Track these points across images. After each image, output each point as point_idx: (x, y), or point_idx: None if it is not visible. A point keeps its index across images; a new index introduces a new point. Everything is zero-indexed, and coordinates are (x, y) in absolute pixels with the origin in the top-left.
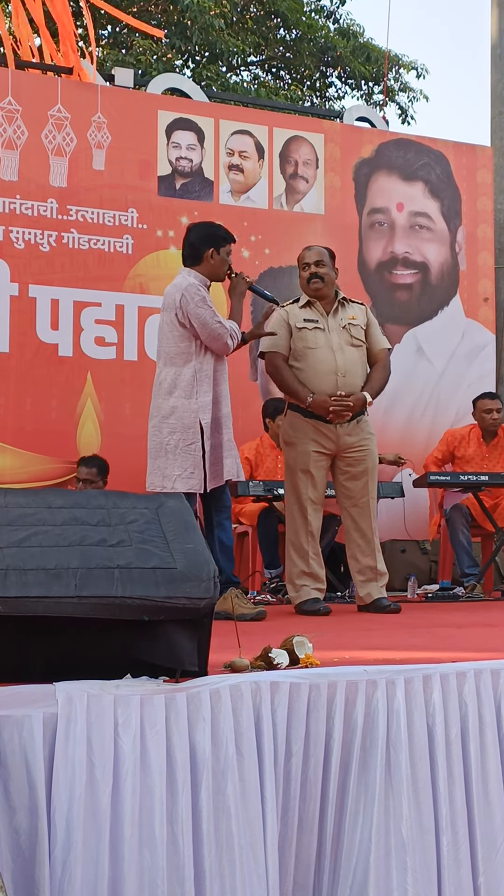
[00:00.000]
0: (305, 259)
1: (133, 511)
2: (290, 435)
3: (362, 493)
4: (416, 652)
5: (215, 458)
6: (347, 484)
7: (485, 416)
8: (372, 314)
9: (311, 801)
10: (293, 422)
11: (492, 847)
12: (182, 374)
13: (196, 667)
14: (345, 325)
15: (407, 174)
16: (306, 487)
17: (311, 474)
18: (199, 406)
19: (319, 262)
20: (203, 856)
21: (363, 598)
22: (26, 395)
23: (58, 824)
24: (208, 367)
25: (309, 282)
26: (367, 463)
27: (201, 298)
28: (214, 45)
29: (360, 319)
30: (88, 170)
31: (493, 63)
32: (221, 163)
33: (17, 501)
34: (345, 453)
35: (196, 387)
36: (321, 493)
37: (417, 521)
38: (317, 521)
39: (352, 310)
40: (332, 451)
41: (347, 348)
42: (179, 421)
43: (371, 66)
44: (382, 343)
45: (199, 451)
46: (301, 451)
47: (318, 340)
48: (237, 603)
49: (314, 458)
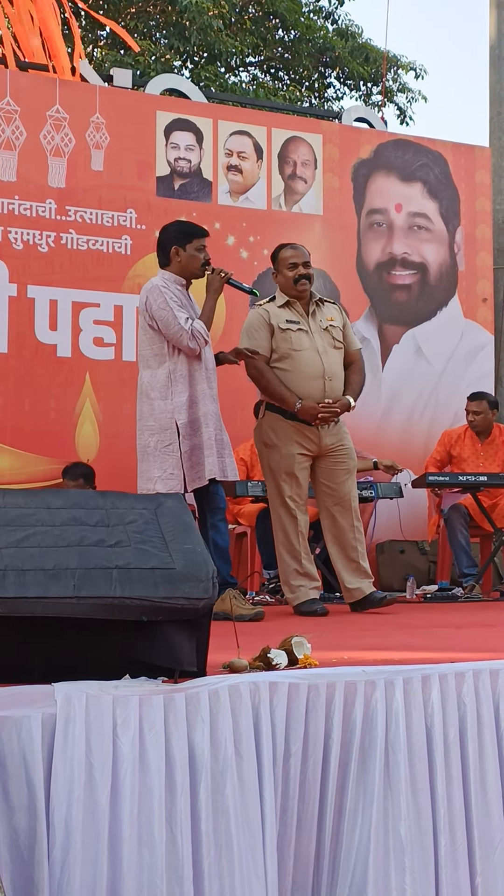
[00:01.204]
0: (293, 259)
1: (131, 511)
2: (272, 437)
3: (345, 492)
4: (414, 652)
5: (196, 458)
6: (331, 484)
7: (467, 416)
8: (344, 312)
9: (310, 801)
10: (273, 424)
11: (489, 847)
12: (157, 375)
13: (195, 667)
14: (326, 326)
15: (405, 175)
16: (291, 489)
17: (296, 476)
18: (174, 407)
19: (307, 262)
20: (202, 856)
21: (353, 593)
22: (25, 396)
23: (57, 825)
24: (183, 367)
25: (297, 282)
26: (349, 463)
27: (164, 300)
28: (213, 45)
29: (337, 320)
30: (87, 170)
31: (492, 64)
32: (220, 163)
33: (16, 502)
34: (327, 454)
35: (171, 388)
36: (305, 494)
37: (416, 522)
38: (304, 520)
39: (328, 310)
40: (315, 453)
41: (331, 351)
42: (157, 422)
43: (370, 67)
44: (356, 343)
45: (177, 452)
46: (285, 454)
47: (303, 342)
48: (235, 603)
49: (298, 461)
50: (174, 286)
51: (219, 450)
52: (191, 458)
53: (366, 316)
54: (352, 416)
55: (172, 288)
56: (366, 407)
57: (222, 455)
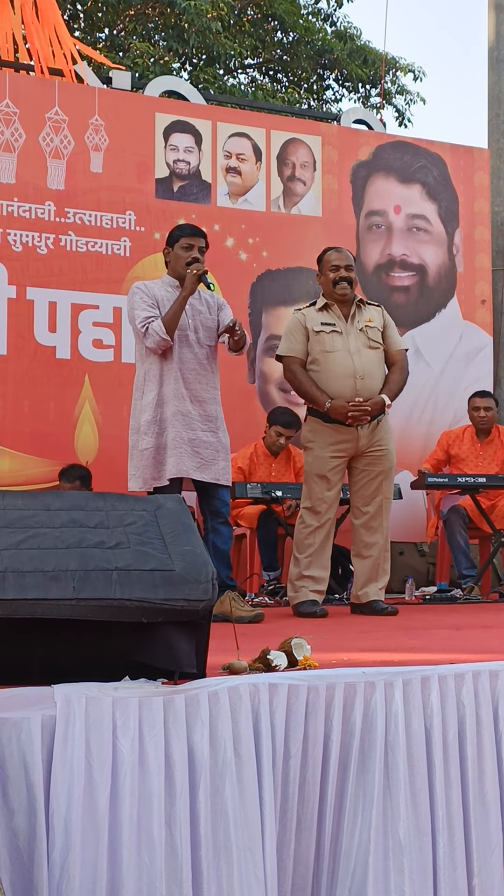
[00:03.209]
0: (335, 261)
1: (131, 513)
2: (310, 440)
3: (376, 493)
4: (414, 654)
5: (159, 458)
6: (363, 483)
7: (474, 413)
8: (388, 316)
9: (310, 802)
10: (313, 427)
11: (487, 848)
12: (138, 375)
13: (194, 669)
14: (362, 327)
15: (404, 176)
16: (320, 491)
17: (326, 478)
18: (142, 406)
19: (349, 266)
20: (201, 858)
21: (360, 597)
22: (24, 398)
23: (56, 826)
24: (155, 367)
25: (336, 284)
26: (385, 464)
27: (135, 300)
28: (211, 47)
29: (376, 321)
30: (86, 172)
31: (490, 65)
32: (219, 165)
33: (16, 504)
34: (364, 454)
35: (144, 386)
36: (334, 496)
37: (415, 523)
38: (327, 525)
39: (368, 312)
40: (351, 453)
41: (365, 351)
42: (134, 421)
43: (368, 69)
44: (399, 344)
45: (145, 451)
46: (318, 456)
47: (336, 344)
48: (235, 605)
49: (330, 463)
50: (164, 287)
51: (191, 450)
52: (154, 456)
53: None
54: None
55: (157, 289)
56: None
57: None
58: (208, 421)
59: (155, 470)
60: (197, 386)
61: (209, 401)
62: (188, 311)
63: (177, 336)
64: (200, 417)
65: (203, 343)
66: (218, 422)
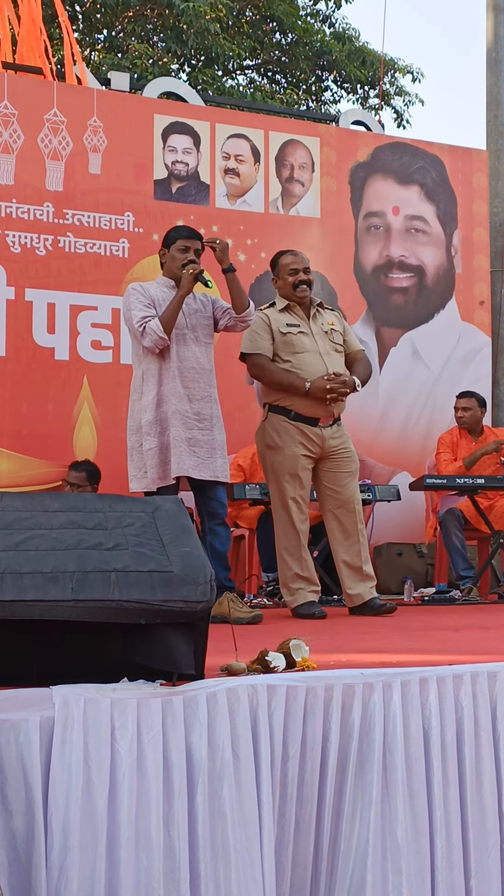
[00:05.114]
0: (293, 265)
1: (129, 514)
2: (275, 439)
3: (349, 495)
4: (412, 655)
5: (163, 457)
6: (334, 486)
7: (455, 413)
8: (343, 318)
9: (308, 804)
10: (276, 425)
11: (484, 849)
12: (135, 376)
13: (192, 670)
14: (326, 330)
15: (403, 178)
16: (294, 490)
17: (299, 477)
18: (142, 406)
19: (307, 269)
20: (199, 859)
21: (353, 598)
22: (23, 399)
23: (54, 828)
24: (154, 366)
25: (296, 288)
26: (352, 465)
27: (131, 301)
28: (210, 49)
29: (337, 325)
30: (84, 174)
31: (489, 67)
32: (217, 166)
33: (14, 505)
34: (330, 456)
35: (143, 387)
36: (307, 495)
37: (414, 525)
38: (306, 523)
39: (328, 316)
40: (318, 455)
41: (332, 353)
42: (133, 422)
43: (367, 70)
44: (357, 344)
45: (149, 451)
46: (288, 455)
47: (305, 344)
48: (233, 606)
49: (302, 462)
50: (160, 288)
51: (189, 448)
52: (159, 455)
53: (363, 319)
54: (349, 418)
55: (153, 289)
56: (363, 409)
57: (195, 454)
58: (203, 420)
59: (161, 469)
60: (194, 385)
61: (205, 399)
62: (185, 311)
63: (174, 335)
64: (196, 416)
65: (200, 341)
66: (213, 420)
